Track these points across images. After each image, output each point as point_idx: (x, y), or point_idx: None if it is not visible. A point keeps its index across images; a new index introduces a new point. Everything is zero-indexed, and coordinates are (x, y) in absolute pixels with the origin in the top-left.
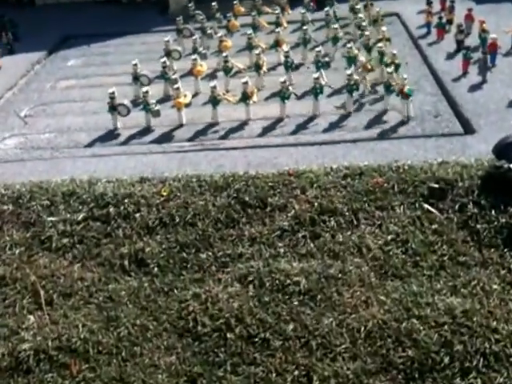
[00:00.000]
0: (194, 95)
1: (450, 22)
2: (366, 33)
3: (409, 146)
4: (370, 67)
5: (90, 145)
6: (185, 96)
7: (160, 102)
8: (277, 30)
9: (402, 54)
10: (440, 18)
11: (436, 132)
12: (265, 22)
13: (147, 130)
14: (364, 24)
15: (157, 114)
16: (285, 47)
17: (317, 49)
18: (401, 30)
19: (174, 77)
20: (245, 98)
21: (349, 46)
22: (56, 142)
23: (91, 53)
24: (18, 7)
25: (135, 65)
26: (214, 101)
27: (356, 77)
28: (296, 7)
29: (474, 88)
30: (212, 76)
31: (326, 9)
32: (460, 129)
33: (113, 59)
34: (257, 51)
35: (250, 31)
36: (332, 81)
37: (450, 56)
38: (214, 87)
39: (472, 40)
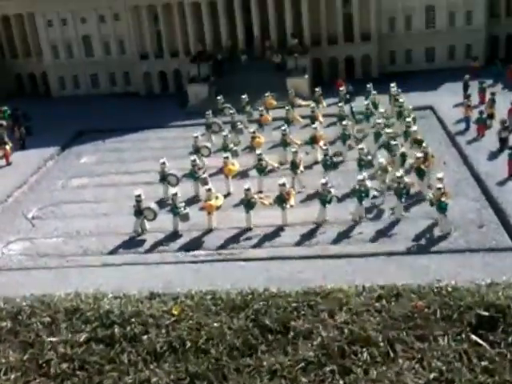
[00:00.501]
0: (226, 196)
1: (491, 116)
2: (388, 130)
3: (452, 262)
4: (389, 168)
5: (110, 251)
6: (216, 198)
7: (188, 202)
8: (313, 125)
9: (439, 153)
10: (480, 112)
11: (482, 246)
12: (298, 116)
13: (175, 235)
14: (383, 121)
15: (185, 217)
16: (322, 144)
17: (359, 146)
18: (436, 125)
19: (203, 176)
20: (281, 201)
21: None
22: (64, 249)
23: (106, 149)
24: (33, 99)
25: (163, 163)
26: (248, 204)
27: (368, 183)
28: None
29: None
30: (244, 175)
31: (365, 102)
32: (509, 242)
33: (128, 156)
34: (293, 149)
35: (284, 126)
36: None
37: (493, 156)
38: (248, 190)
39: None
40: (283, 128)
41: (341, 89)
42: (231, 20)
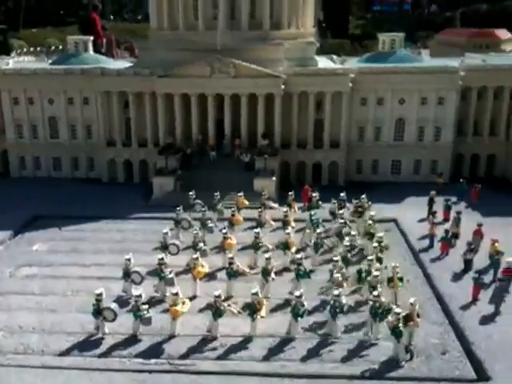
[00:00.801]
0: (191, 298)
1: (455, 236)
2: (346, 243)
3: None
4: (344, 284)
5: (59, 351)
6: (183, 303)
7: (152, 303)
8: (287, 230)
9: (403, 269)
10: (446, 231)
11: (444, 375)
12: (271, 218)
13: (134, 339)
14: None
15: (148, 322)
16: (294, 250)
17: (334, 258)
18: (399, 239)
19: (170, 276)
20: (253, 311)
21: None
22: (3, 343)
23: (61, 237)
24: None
25: (128, 259)
26: (216, 312)
27: (343, 300)
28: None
29: (486, 320)
30: (212, 276)
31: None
32: (472, 373)
33: (84, 247)
34: (266, 255)
35: (257, 229)
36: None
37: (457, 277)
38: (219, 297)
39: (478, 259)
40: (256, 231)
41: (314, 195)
42: (203, 115)
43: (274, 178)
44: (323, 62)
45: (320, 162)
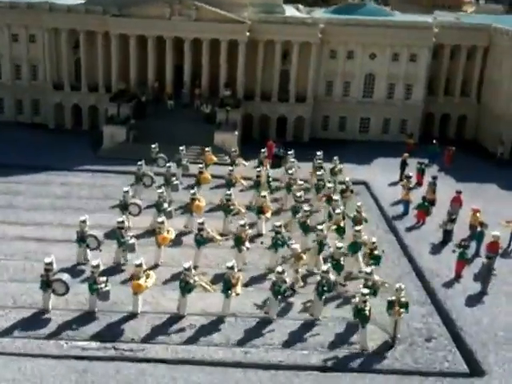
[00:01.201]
0: (153, 267)
1: (432, 203)
2: (305, 207)
3: None
4: (304, 257)
5: None
6: (147, 277)
7: (109, 272)
8: (262, 193)
9: (376, 238)
10: (424, 198)
11: (431, 367)
12: (240, 177)
13: (89, 317)
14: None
15: (105, 297)
16: (269, 215)
17: (319, 227)
18: (371, 204)
19: (131, 241)
20: (227, 287)
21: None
22: None
23: None
24: None
25: (83, 221)
26: (185, 287)
27: (331, 276)
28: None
29: (473, 301)
30: (176, 242)
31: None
32: (463, 366)
33: (21, 202)
34: (242, 221)
35: (229, 191)
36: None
37: (436, 249)
38: (189, 270)
39: (457, 230)
40: (228, 192)
41: (289, 152)
42: (160, 60)
43: (236, 132)
44: (289, 11)
45: (285, 116)
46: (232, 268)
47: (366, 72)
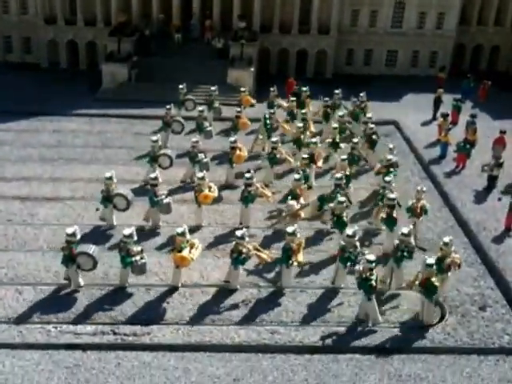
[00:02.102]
0: (197, 229)
1: (472, 144)
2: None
3: (453, 369)
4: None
5: None
6: (192, 247)
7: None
8: (313, 139)
9: (413, 185)
10: (465, 140)
11: (490, 343)
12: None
13: (122, 293)
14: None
15: (141, 270)
16: (320, 164)
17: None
18: (403, 147)
19: (166, 201)
20: (287, 256)
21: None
22: None
23: None
24: None
25: (110, 178)
26: (238, 258)
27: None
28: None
29: None
30: (218, 199)
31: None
32: None
33: (7, 153)
34: (297, 175)
35: (275, 138)
36: None
37: (480, 196)
38: (242, 238)
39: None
40: (274, 139)
41: (304, 89)
42: None
43: (251, 69)
44: None
45: (306, 49)
46: (293, 234)
47: None
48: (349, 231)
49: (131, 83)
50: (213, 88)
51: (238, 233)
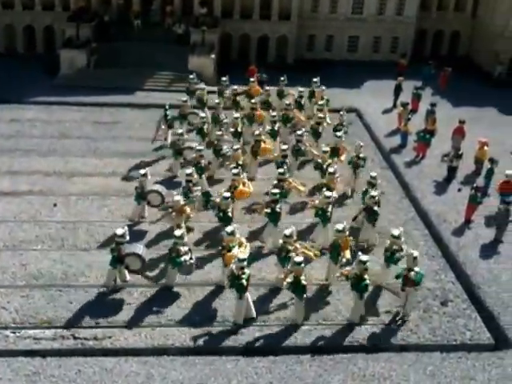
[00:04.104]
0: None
1: (432, 134)
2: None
3: (416, 367)
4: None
5: None
6: (240, 245)
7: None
8: (338, 133)
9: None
10: (425, 130)
11: (452, 339)
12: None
13: (170, 293)
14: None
15: (188, 270)
16: (343, 158)
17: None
18: (365, 136)
19: (196, 194)
20: (336, 253)
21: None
22: None
23: None
24: None
25: (144, 175)
26: (286, 257)
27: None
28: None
29: (488, 251)
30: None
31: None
32: (487, 334)
33: None
34: (331, 169)
35: (300, 131)
36: None
37: (440, 187)
38: (290, 236)
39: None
40: (299, 132)
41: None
42: None
43: (213, 55)
44: None
45: (267, 35)
46: (342, 231)
47: None
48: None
49: (90, 69)
50: (223, 78)
51: (287, 231)
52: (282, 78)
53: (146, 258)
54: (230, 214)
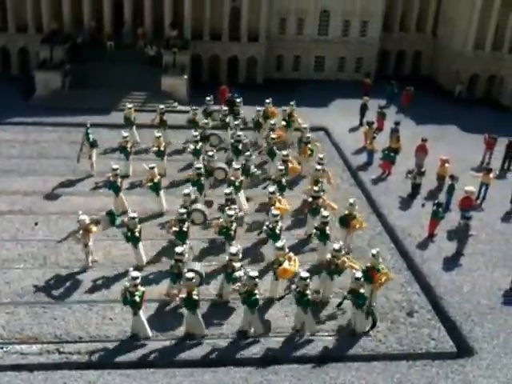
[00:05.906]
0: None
1: (396, 152)
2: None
3: (384, 376)
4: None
5: None
6: (290, 260)
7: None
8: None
9: (342, 192)
10: (389, 148)
11: (417, 348)
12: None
13: (226, 307)
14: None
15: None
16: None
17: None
18: (333, 154)
19: (240, 214)
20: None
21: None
22: None
23: None
24: None
25: (188, 194)
26: (333, 271)
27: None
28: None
29: (450, 264)
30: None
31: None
32: (450, 342)
33: None
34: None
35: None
36: None
37: (405, 203)
38: (339, 250)
39: (424, 180)
40: (321, 157)
41: (238, 101)
42: None
43: (185, 76)
44: None
45: (237, 56)
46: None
47: (321, 8)
48: (335, 245)
49: (64, 91)
50: (238, 100)
51: (336, 246)
52: (268, 100)
53: (203, 274)
54: (137, 234)
